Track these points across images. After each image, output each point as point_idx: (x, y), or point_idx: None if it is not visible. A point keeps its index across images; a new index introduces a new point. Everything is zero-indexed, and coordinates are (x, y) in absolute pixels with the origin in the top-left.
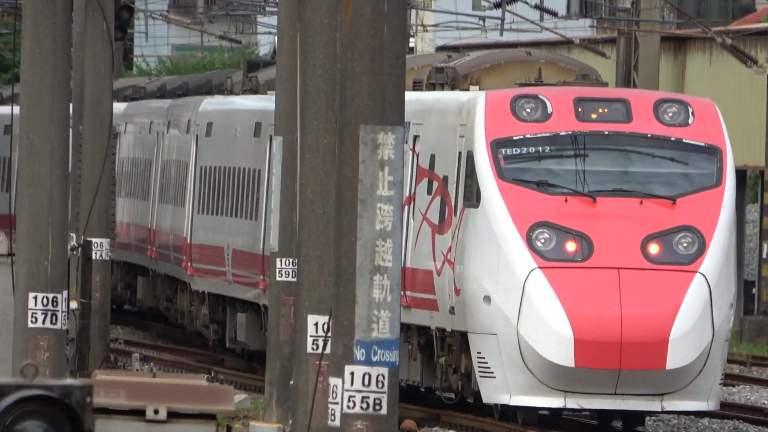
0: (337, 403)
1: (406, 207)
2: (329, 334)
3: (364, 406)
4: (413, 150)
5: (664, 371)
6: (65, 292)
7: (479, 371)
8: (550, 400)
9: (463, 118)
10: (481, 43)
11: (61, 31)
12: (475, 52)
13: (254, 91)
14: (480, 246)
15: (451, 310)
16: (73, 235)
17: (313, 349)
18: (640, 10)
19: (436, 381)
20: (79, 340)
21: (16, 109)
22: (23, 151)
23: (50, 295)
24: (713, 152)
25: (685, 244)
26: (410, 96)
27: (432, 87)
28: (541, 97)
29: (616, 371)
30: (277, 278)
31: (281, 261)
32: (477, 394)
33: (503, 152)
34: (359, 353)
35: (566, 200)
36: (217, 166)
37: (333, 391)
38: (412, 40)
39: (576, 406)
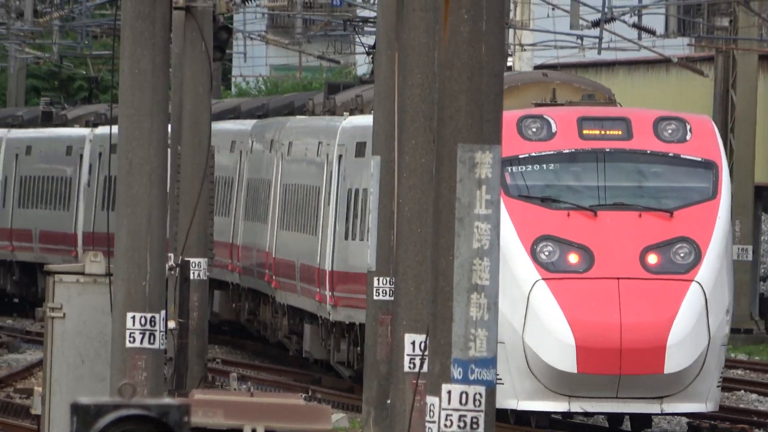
0: (434, 422)
1: None
2: (426, 353)
3: (462, 424)
4: None
5: (663, 375)
6: (163, 312)
7: None
8: (555, 404)
9: None
10: (579, 62)
11: (160, 52)
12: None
13: (332, 111)
14: None
15: None
16: (171, 254)
17: (410, 367)
18: (738, 28)
19: None
20: (177, 360)
21: (82, 131)
22: (122, 171)
23: (148, 315)
24: (709, 167)
25: (682, 255)
26: None
27: None
28: (546, 117)
29: (617, 376)
30: (374, 297)
31: (378, 280)
32: None
33: (509, 170)
34: (456, 372)
35: (569, 214)
36: (293, 184)
37: (430, 410)
38: (510, 59)
39: (579, 410)
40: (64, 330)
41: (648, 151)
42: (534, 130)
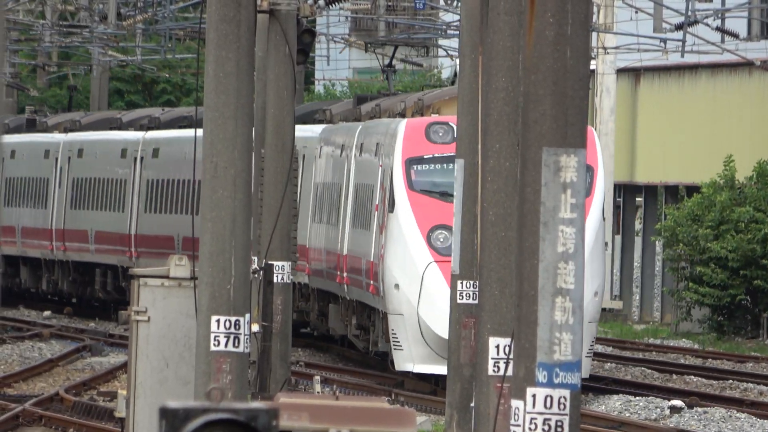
0: (519, 426)
1: (376, 213)
2: (511, 357)
3: (546, 428)
4: (380, 166)
5: None
6: (247, 316)
7: (393, 344)
8: (444, 368)
9: (393, 141)
10: (662, 65)
11: (245, 56)
12: (439, 89)
13: (358, 119)
14: (393, 243)
15: (382, 295)
16: (255, 258)
17: (494, 371)
18: None
19: (385, 348)
20: (260, 363)
21: (57, 137)
22: (207, 175)
23: (232, 319)
24: (587, 170)
25: None
26: (380, 123)
27: (411, 115)
28: (451, 123)
29: None
30: (458, 300)
31: (462, 283)
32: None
33: (415, 168)
34: (541, 375)
35: None
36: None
37: (515, 414)
38: (593, 62)
39: None
40: (149, 333)
41: None
42: (440, 134)
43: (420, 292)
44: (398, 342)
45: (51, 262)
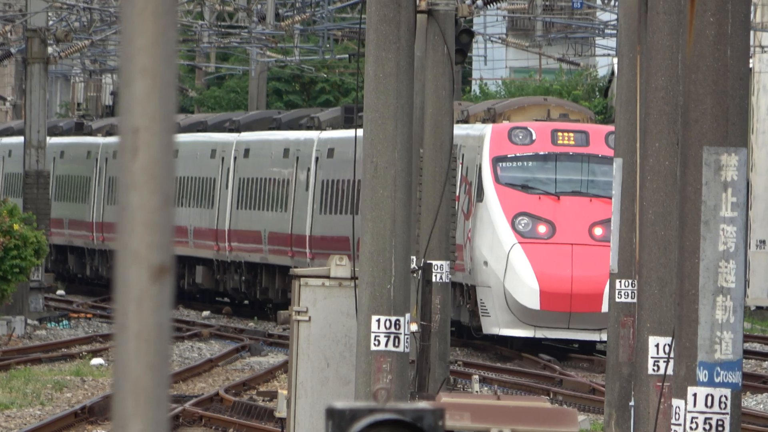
0: (679, 425)
1: (457, 203)
2: (671, 356)
3: (707, 427)
4: (461, 164)
5: (600, 313)
6: (407, 315)
7: (481, 312)
8: (525, 331)
9: (479, 142)
10: None
11: (404, 56)
12: (509, 99)
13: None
14: (482, 227)
15: (470, 271)
16: (413, 257)
17: (654, 370)
18: None
19: (464, 317)
20: (420, 363)
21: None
22: (367, 174)
23: (393, 318)
24: None
25: None
26: (458, 128)
27: (481, 121)
28: (529, 128)
29: (568, 313)
30: (616, 299)
31: (620, 282)
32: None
33: (500, 165)
34: (702, 374)
35: (540, 198)
36: None
37: (675, 413)
38: (749, 61)
39: (542, 336)
40: (310, 333)
41: (599, 155)
42: (520, 137)
43: (506, 268)
44: (486, 310)
45: (92, 251)
